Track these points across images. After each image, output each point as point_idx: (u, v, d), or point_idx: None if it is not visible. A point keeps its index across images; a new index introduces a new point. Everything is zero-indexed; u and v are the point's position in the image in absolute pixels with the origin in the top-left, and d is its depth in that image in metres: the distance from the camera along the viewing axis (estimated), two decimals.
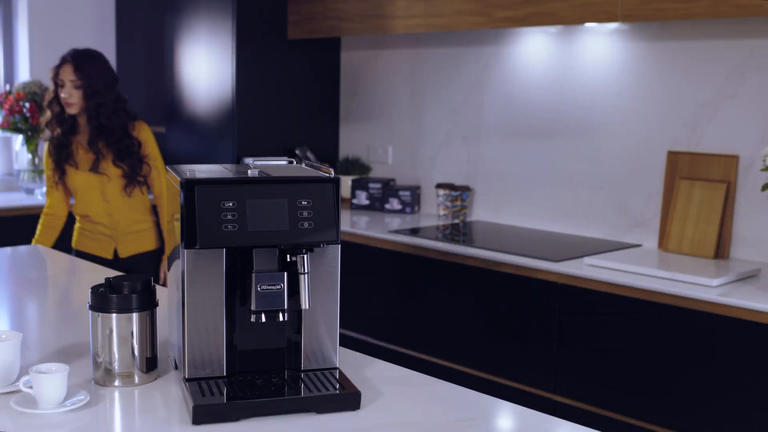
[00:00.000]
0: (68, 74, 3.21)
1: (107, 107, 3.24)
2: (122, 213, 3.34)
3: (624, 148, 3.39)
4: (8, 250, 3.10)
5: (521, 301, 3.08)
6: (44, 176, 4.43)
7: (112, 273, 2.64)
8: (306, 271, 1.63)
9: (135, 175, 3.30)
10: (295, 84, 4.31)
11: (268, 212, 1.60)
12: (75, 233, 3.42)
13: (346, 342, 3.55)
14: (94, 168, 3.28)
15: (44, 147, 3.43)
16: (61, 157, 3.30)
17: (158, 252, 3.48)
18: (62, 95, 3.22)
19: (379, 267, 3.58)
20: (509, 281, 3.11)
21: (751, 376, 2.53)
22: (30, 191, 4.40)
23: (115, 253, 3.36)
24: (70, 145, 3.30)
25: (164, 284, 3.27)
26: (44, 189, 4.41)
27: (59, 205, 3.41)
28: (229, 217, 1.58)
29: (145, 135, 3.36)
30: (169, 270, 1.86)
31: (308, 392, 1.61)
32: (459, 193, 3.86)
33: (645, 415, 2.77)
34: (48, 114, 3.31)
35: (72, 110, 3.23)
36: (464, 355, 3.28)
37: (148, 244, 3.45)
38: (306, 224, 1.62)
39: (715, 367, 2.60)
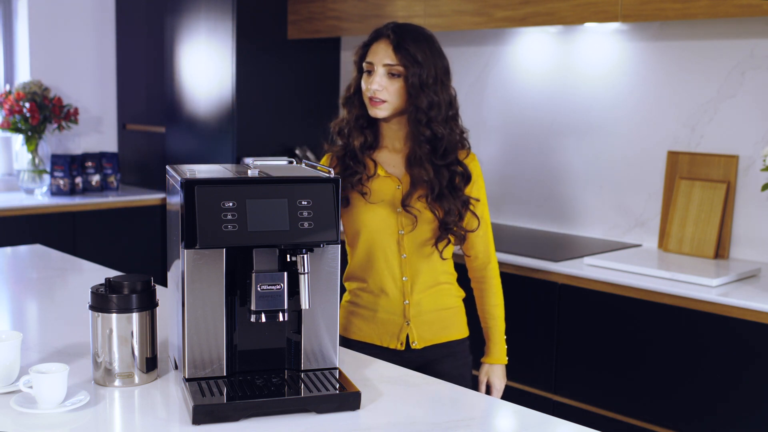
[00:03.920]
0: (383, 55, 2.07)
1: (441, 110, 2.08)
2: (421, 279, 2.16)
3: (624, 148, 3.39)
4: (8, 250, 3.10)
5: (521, 301, 3.08)
6: (44, 176, 4.43)
7: (112, 273, 2.64)
8: (306, 271, 1.63)
9: (451, 224, 2.11)
10: (295, 84, 4.31)
11: (268, 212, 1.60)
12: (340, 310, 1.95)
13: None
14: (405, 202, 2.10)
15: (324, 160, 2.30)
16: (347, 180, 2.14)
17: (465, 343, 2.31)
18: (371, 86, 2.08)
19: None
20: (509, 281, 3.11)
21: (751, 375, 2.53)
22: (30, 191, 4.40)
23: (407, 341, 2.17)
24: (364, 163, 2.16)
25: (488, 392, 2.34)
26: (44, 189, 4.41)
27: None
28: (229, 217, 1.58)
29: (476, 168, 2.20)
30: (169, 270, 1.85)
31: (308, 392, 1.61)
32: None
33: (645, 415, 2.77)
34: (344, 114, 2.22)
35: (379, 111, 2.09)
36: None
37: (455, 328, 2.26)
38: (306, 224, 1.62)
39: (715, 367, 2.60)
